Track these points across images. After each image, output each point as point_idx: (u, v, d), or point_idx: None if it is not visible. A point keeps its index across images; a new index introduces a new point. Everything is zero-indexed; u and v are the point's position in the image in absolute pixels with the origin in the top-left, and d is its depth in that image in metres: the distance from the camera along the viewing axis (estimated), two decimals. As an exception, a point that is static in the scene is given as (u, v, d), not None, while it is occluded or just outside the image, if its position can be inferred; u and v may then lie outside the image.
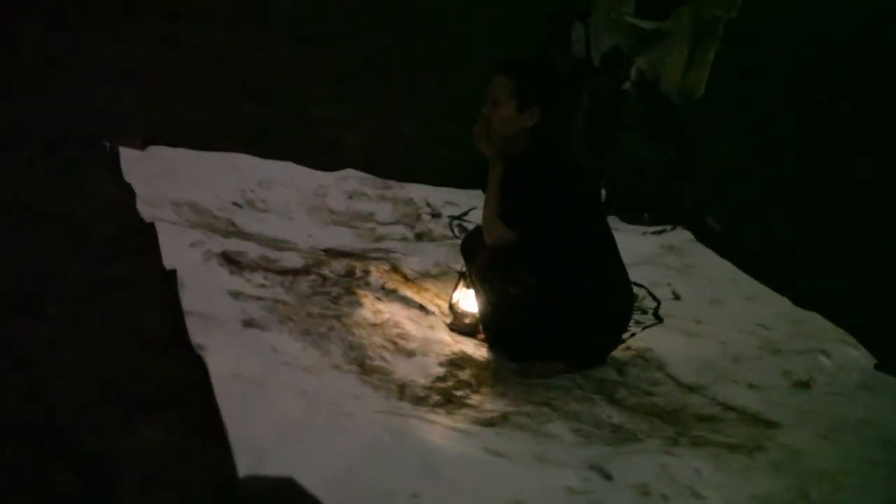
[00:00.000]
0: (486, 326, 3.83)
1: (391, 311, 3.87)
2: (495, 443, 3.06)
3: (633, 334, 3.98)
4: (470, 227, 4.77)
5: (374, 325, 3.74)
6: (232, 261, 3.93)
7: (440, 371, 3.54)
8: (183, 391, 3.05)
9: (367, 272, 4.11)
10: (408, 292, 4.06)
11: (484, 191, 3.77)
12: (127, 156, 4.89)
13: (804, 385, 3.76)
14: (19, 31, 6.80)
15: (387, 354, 3.57)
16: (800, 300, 4.45)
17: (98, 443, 2.75)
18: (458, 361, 3.64)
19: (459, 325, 3.92)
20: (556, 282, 3.63)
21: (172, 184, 4.69)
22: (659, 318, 4.25)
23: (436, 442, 2.99)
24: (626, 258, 3.86)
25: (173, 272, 3.68)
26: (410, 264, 4.32)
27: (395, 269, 4.24)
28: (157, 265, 3.78)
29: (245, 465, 2.66)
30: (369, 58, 7.88)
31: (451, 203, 5.20)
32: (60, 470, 2.63)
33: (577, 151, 5.40)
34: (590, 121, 5.48)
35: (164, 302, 3.52)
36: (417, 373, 3.49)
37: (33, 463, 2.64)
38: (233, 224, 4.47)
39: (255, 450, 2.71)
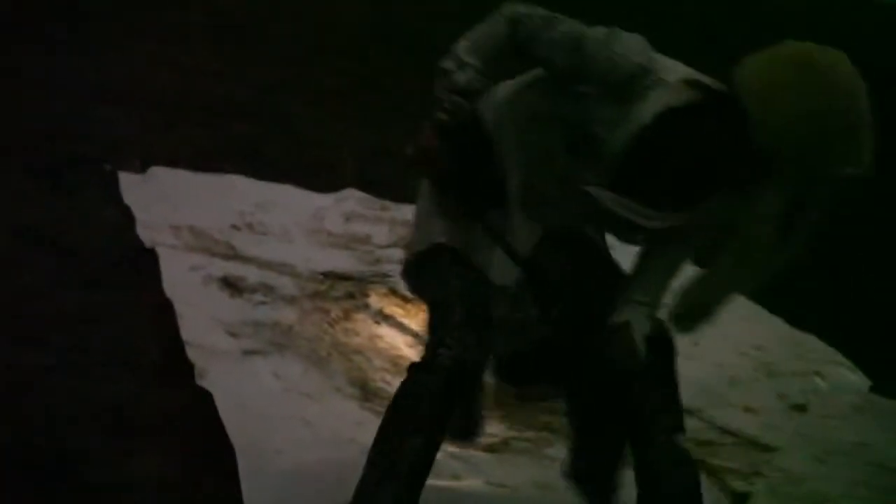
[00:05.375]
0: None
1: (390, 335, 3.90)
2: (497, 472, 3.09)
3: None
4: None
5: (374, 348, 3.77)
6: (231, 285, 3.95)
7: (440, 394, 3.56)
8: (183, 419, 3.07)
9: (365, 295, 4.13)
10: (406, 316, 4.08)
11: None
12: (126, 179, 4.91)
13: (800, 408, 3.79)
14: (14, 54, 6.81)
15: (388, 377, 3.59)
16: (795, 321, 4.48)
17: (100, 472, 2.77)
18: (458, 385, 3.65)
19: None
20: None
21: (171, 206, 4.69)
22: (656, 340, 4.25)
23: (440, 473, 2.99)
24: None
25: (172, 299, 3.70)
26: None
27: (393, 291, 4.26)
28: (158, 291, 3.80)
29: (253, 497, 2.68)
30: (363, 76, 7.90)
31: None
32: (63, 499, 2.65)
33: None
34: None
35: (164, 329, 3.54)
36: (418, 396, 3.51)
37: (35, 492, 2.66)
38: (232, 247, 4.48)
39: (261, 481, 2.73)
